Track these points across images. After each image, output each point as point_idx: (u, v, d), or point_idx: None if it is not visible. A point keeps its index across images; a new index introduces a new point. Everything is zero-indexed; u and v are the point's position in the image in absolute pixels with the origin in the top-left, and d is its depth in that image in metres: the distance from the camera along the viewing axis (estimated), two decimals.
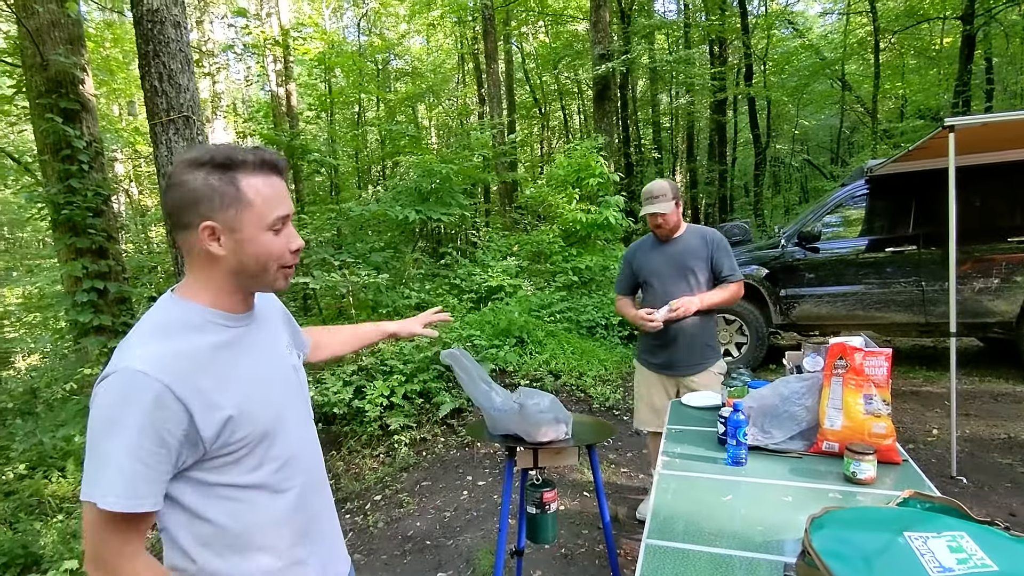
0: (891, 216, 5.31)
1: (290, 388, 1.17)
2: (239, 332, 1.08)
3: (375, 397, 4.41)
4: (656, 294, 2.94)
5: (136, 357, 0.94)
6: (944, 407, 4.51)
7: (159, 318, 1.02)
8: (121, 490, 0.90)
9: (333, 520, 1.29)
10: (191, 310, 1.04)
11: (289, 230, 1.07)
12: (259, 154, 1.04)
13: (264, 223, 1.03)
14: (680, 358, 2.92)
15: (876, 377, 1.85)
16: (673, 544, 1.48)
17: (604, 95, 9.95)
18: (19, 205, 12.66)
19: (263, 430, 1.04)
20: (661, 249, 2.97)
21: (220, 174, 1.00)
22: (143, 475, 0.92)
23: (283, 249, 1.06)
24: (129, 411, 0.91)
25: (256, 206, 1.02)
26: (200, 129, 3.85)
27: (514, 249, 8.35)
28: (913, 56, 14.55)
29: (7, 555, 3.42)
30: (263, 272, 1.05)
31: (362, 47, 15.45)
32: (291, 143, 8.09)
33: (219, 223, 1.01)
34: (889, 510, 1.37)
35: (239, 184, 1.01)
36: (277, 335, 1.21)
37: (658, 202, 2.83)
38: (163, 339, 0.98)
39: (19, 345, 8.76)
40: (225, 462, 1.01)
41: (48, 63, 4.40)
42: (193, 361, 0.98)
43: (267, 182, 1.04)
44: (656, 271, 2.97)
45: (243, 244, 1.02)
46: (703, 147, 18.88)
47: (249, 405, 1.03)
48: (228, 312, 1.07)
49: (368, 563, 3.08)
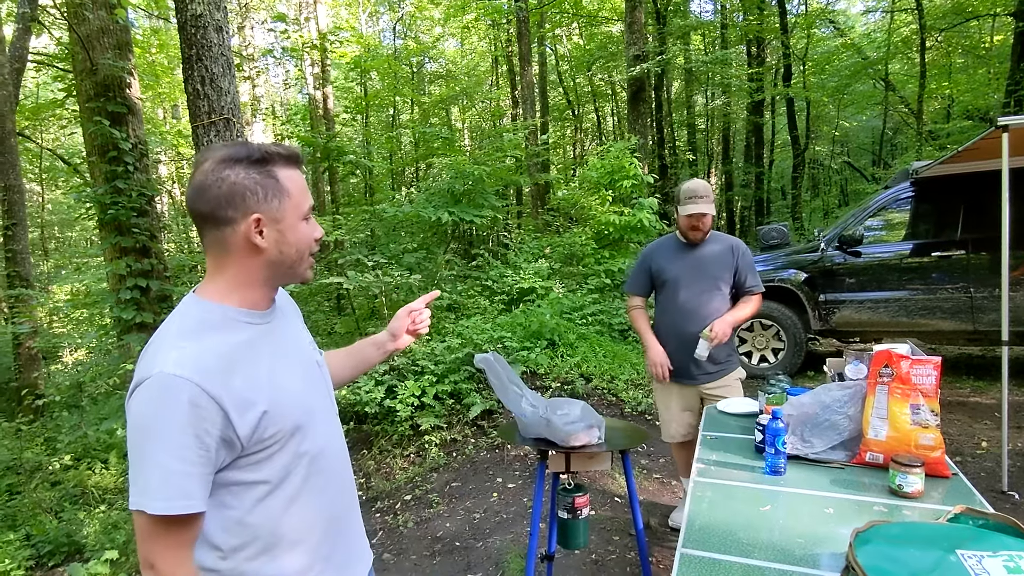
0: (938, 220, 5.13)
1: (316, 383, 1.18)
2: (264, 329, 1.09)
3: (406, 397, 4.43)
4: (675, 300, 2.84)
5: (168, 361, 0.94)
6: (994, 419, 4.32)
7: (185, 320, 1.03)
8: (169, 493, 0.91)
9: (357, 516, 1.29)
10: (215, 310, 1.04)
11: (314, 222, 1.12)
12: (285, 148, 1.08)
13: (300, 212, 1.07)
14: (698, 366, 2.81)
15: (924, 386, 1.78)
16: (709, 554, 1.44)
17: (638, 96, 9.86)
18: (68, 205, 13.15)
19: (294, 424, 1.05)
20: (685, 253, 2.86)
21: (259, 168, 1.03)
22: (188, 476, 0.92)
23: (311, 238, 1.10)
24: (167, 415, 0.92)
25: (294, 196, 1.07)
26: (240, 131, 3.93)
27: (546, 251, 8.32)
28: (961, 55, 14.05)
29: (52, 543, 3.54)
30: (299, 261, 1.09)
31: (397, 50, 15.64)
32: (327, 145, 8.21)
33: (264, 215, 1.03)
34: (939, 526, 1.31)
35: (278, 176, 1.05)
36: (299, 331, 1.22)
37: (702, 202, 2.71)
38: (192, 340, 0.98)
39: (67, 340, 9.08)
40: (259, 459, 1.01)
41: (97, 68, 4.55)
42: (223, 360, 0.98)
43: (297, 174, 1.09)
44: (679, 276, 2.85)
45: (285, 234, 1.06)
46: (739, 149, 18.57)
47: (280, 400, 1.03)
48: (252, 309, 1.08)
49: (397, 563, 3.09)
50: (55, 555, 3.52)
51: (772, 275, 5.52)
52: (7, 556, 3.34)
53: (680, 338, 2.82)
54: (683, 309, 2.81)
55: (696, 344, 2.69)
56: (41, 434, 5.24)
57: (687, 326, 2.78)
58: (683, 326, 2.80)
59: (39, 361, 7.33)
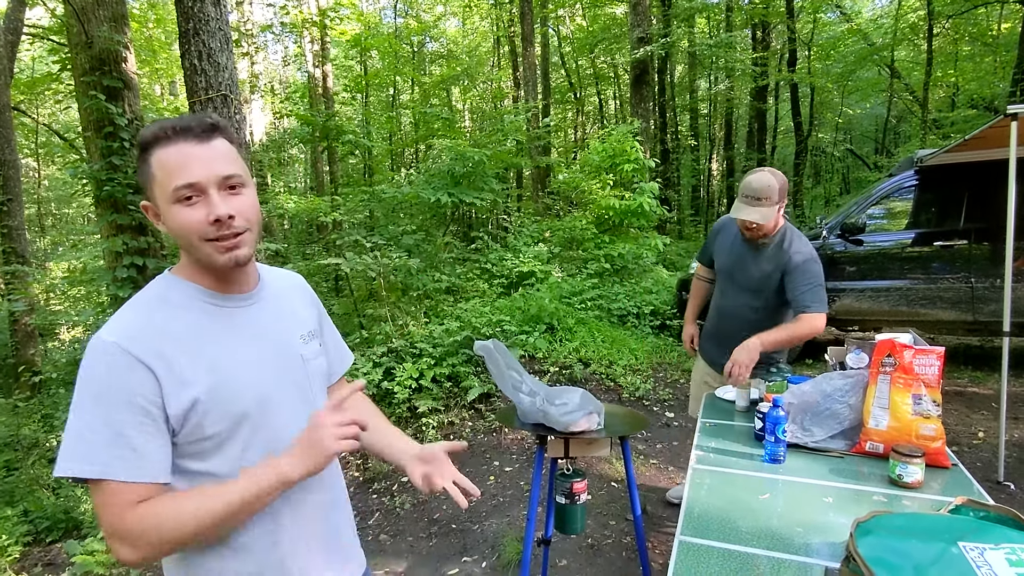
0: (941, 209, 5.10)
1: (288, 375, 1.09)
2: (229, 312, 1.04)
3: (404, 379, 4.43)
4: (720, 291, 2.69)
5: (107, 328, 0.93)
6: (991, 409, 4.33)
7: (145, 294, 1.01)
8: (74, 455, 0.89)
9: (338, 521, 1.19)
10: (177, 287, 1.02)
11: (210, 198, 0.95)
12: (171, 122, 0.97)
13: (167, 194, 0.95)
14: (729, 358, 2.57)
15: (926, 376, 1.77)
16: (707, 542, 1.43)
17: (642, 80, 9.75)
18: (64, 181, 13.05)
19: (241, 412, 0.98)
20: (741, 246, 2.54)
21: (143, 156, 0.98)
22: (115, 443, 0.89)
23: (199, 221, 0.95)
24: (91, 376, 0.90)
25: (158, 180, 0.96)
26: (238, 108, 3.88)
27: (546, 235, 8.29)
28: (968, 42, 13.90)
29: (50, 519, 3.55)
30: (190, 247, 0.98)
31: (398, 29, 15.44)
32: (326, 124, 8.13)
33: (150, 202, 1.00)
34: (941, 517, 1.30)
35: (151, 160, 0.96)
36: (290, 322, 1.14)
37: (759, 206, 2.31)
38: (139, 312, 0.97)
39: (64, 318, 9.04)
40: (204, 447, 0.97)
41: (92, 41, 4.47)
42: (164, 332, 0.95)
43: (176, 150, 0.95)
44: (726, 269, 2.62)
45: (164, 220, 0.98)
46: (741, 135, 18.45)
47: (224, 385, 0.97)
48: (214, 291, 1.03)
49: (394, 544, 3.11)
50: (53, 531, 3.53)
51: None
52: (4, 532, 3.35)
53: (717, 329, 2.71)
54: (722, 305, 2.67)
55: (731, 335, 2.48)
56: (38, 411, 5.24)
57: (722, 323, 2.68)
58: (719, 321, 2.70)
59: (36, 338, 7.32)
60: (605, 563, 2.76)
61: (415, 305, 5.86)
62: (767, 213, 2.29)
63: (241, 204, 0.98)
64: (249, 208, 1.00)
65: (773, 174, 2.31)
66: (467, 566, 2.85)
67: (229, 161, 0.98)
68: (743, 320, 2.52)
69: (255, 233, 1.03)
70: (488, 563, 2.86)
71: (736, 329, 2.49)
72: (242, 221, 0.98)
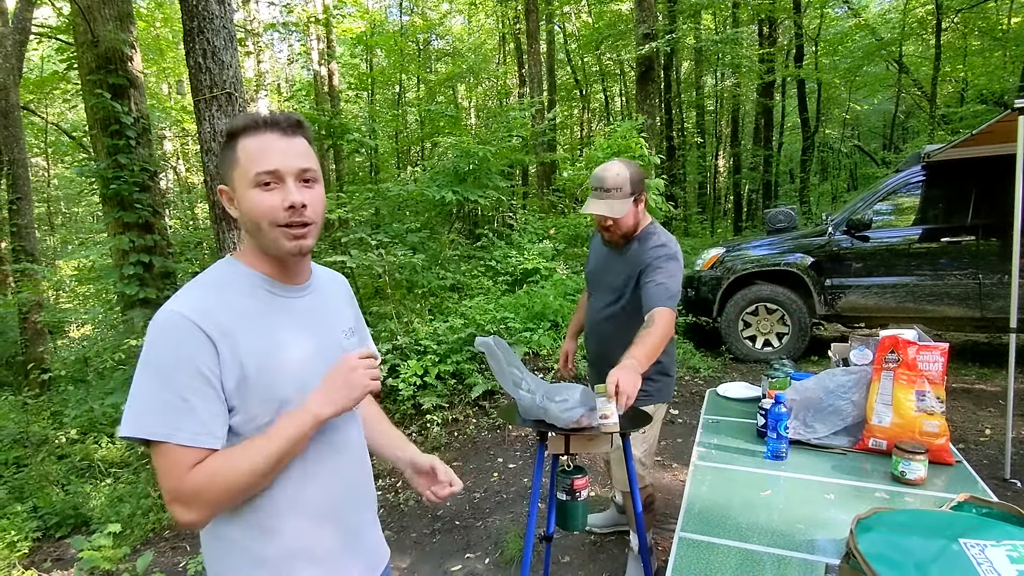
0: (948, 204, 5.06)
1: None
2: (285, 301, 1.10)
3: (408, 376, 4.44)
4: (588, 302, 2.44)
5: (174, 302, 0.98)
6: (998, 406, 4.31)
7: (208, 275, 1.07)
8: (146, 419, 0.93)
9: (368, 514, 1.24)
10: (239, 272, 1.07)
11: (287, 186, 1.02)
12: (264, 115, 1.04)
13: (247, 178, 1.02)
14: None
15: (930, 373, 1.76)
16: (707, 538, 1.43)
17: (647, 76, 9.71)
18: (71, 179, 13.14)
19: (283, 397, 1.03)
20: (604, 248, 2.31)
21: (229, 141, 1.05)
22: (179, 408, 0.93)
23: (273, 206, 1.01)
24: (163, 346, 0.95)
25: (241, 163, 1.03)
26: (243, 106, 3.89)
27: (551, 232, 8.27)
28: (977, 37, 13.76)
29: (59, 515, 3.58)
30: (258, 231, 1.03)
31: (403, 27, 15.43)
32: (330, 122, 8.14)
33: (227, 186, 1.06)
34: (942, 514, 1.30)
35: (236, 147, 1.04)
36: (335, 317, 1.20)
37: (608, 198, 2.07)
38: (204, 290, 1.03)
39: (72, 315, 9.12)
40: (252, 426, 1.01)
41: (98, 40, 4.49)
42: (226, 310, 1.00)
43: (261, 139, 1.03)
44: (590, 275, 2.41)
45: (240, 203, 1.05)
46: (748, 131, 18.35)
47: (271, 368, 1.02)
48: (274, 279, 1.09)
49: (398, 540, 3.12)
50: (62, 527, 3.57)
51: (778, 259, 5.48)
52: (14, 528, 3.38)
53: (590, 350, 2.46)
54: (589, 317, 2.38)
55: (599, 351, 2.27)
56: (47, 408, 5.28)
57: (589, 337, 2.42)
58: (589, 337, 2.43)
59: (45, 336, 7.38)
60: (608, 559, 2.77)
61: (420, 302, 5.86)
62: (617, 207, 2.06)
63: (313, 197, 1.06)
64: (319, 202, 1.07)
65: (625, 164, 2.10)
66: (470, 562, 2.86)
67: (307, 157, 1.06)
68: (602, 331, 2.30)
69: (319, 227, 1.09)
70: (491, 559, 2.86)
71: (597, 341, 2.32)
72: (312, 213, 1.05)
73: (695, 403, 4.58)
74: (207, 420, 0.95)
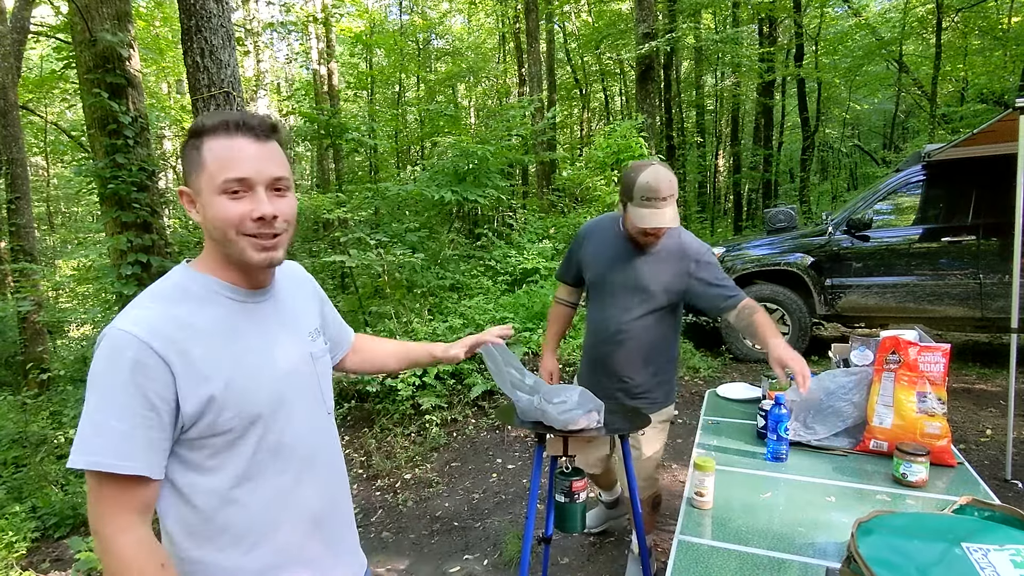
0: (949, 204, 5.04)
1: (301, 374, 1.10)
2: (247, 307, 1.04)
3: (407, 376, 4.43)
4: (600, 311, 2.23)
5: (127, 318, 0.92)
6: (999, 407, 4.29)
7: (163, 284, 1.01)
8: (97, 448, 0.88)
9: (346, 522, 1.21)
10: (197, 280, 1.02)
11: (256, 195, 0.96)
12: (234, 116, 0.98)
13: (214, 185, 0.95)
14: (618, 393, 2.20)
15: (931, 374, 1.75)
16: (707, 541, 1.42)
17: (647, 76, 9.69)
18: (69, 179, 13.13)
19: (255, 412, 0.99)
20: (625, 253, 2.15)
21: (193, 140, 0.98)
22: (125, 435, 0.88)
23: (241, 214, 0.96)
24: (111, 370, 0.89)
25: (207, 168, 0.96)
26: (240, 105, 3.88)
27: (550, 231, 8.25)
28: (978, 36, 13.74)
29: (58, 515, 3.57)
30: (225, 239, 0.97)
31: (403, 26, 15.42)
32: (329, 121, 8.13)
33: (190, 188, 1.00)
34: (944, 517, 1.28)
35: (202, 147, 0.97)
36: (299, 319, 1.15)
37: (668, 206, 1.95)
38: (160, 303, 0.97)
39: (71, 315, 9.11)
40: (218, 444, 0.97)
41: (96, 39, 4.47)
42: (184, 327, 0.95)
43: (231, 143, 0.96)
44: (609, 281, 2.18)
45: (204, 209, 0.99)
46: (748, 130, 18.33)
47: (240, 382, 0.98)
48: (235, 286, 1.03)
49: (396, 541, 3.10)
50: (60, 527, 3.55)
51: (778, 259, 5.47)
52: (12, 528, 3.37)
53: (593, 361, 2.29)
54: (604, 327, 2.20)
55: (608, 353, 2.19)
56: (46, 408, 5.26)
57: (601, 352, 2.23)
58: (599, 347, 2.24)
59: (44, 335, 7.36)
60: (606, 560, 2.75)
61: (419, 302, 5.85)
62: (675, 216, 1.96)
63: (284, 207, 1.00)
64: (290, 211, 1.02)
65: (663, 165, 2.02)
66: (468, 564, 2.84)
67: (280, 164, 1.00)
68: (637, 335, 2.16)
69: (290, 236, 1.04)
70: (490, 560, 2.85)
71: (624, 349, 2.17)
72: (283, 223, 1.00)
73: (695, 403, 4.57)
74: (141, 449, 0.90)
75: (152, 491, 0.93)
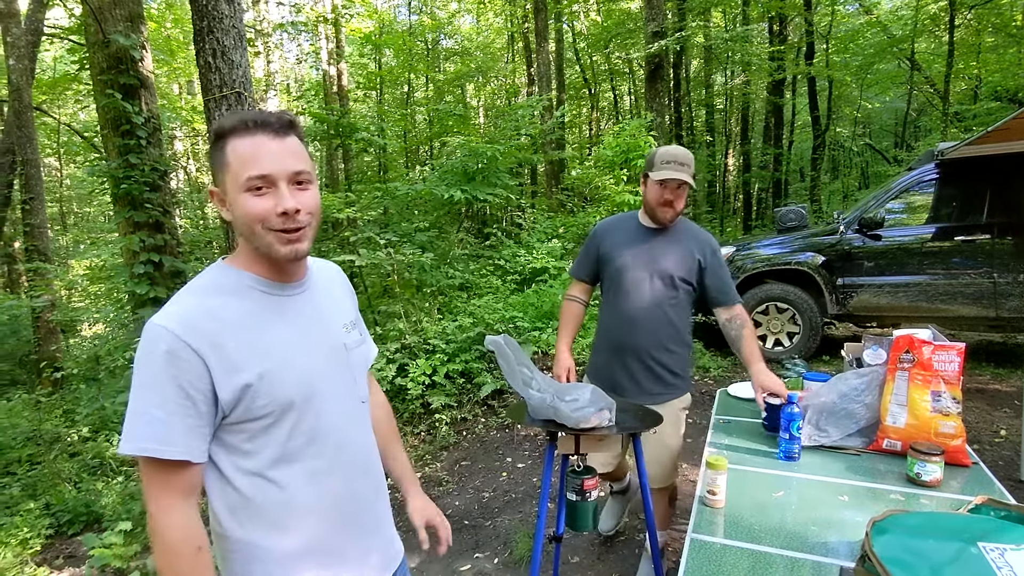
0: (962, 203, 4.99)
1: (335, 364, 1.13)
2: (281, 300, 1.08)
3: (417, 375, 4.44)
4: (618, 296, 2.28)
5: (162, 313, 0.98)
6: (1014, 407, 4.25)
7: (199, 280, 1.06)
8: (140, 435, 0.94)
9: (381, 510, 1.25)
10: (230, 275, 1.06)
11: (279, 191, 1.00)
12: (251, 115, 1.02)
13: (238, 182, 0.99)
14: (634, 385, 2.27)
15: (946, 373, 1.74)
16: (719, 540, 1.41)
17: (656, 75, 9.66)
18: (82, 179, 13.25)
19: (288, 399, 1.03)
20: (643, 238, 2.26)
21: (217, 143, 1.03)
22: (165, 423, 0.94)
23: (266, 210, 0.99)
24: (148, 362, 0.95)
25: (232, 167, 1.00)
26: (252, 105, 3.90)
27: (559, 231, 8.25)
28: (991, 33, 13.59)
29: (71, 512, 3.60)
30: (252, 235, 1.02)
31: (412, 26, 15.45)
32: (339, 121, 8.16)
33: (219, 189, 1.05)
34: (960, 517, 1.27)
35: (226, 148, 1.01)
36: (333, 312, 1.19)
37: (684, 170, 2.11)
38: (194, 297, 1.02)
39: (84, 314, 9.20)
40: (253, 429, 1.01)
41: (109, 40, 4.52)
42: (217, 319, 0.99)
43: (251, 142, 1.00)
44: (628, 266, 2.25)
45: (232, 207, 1.03)
46: (758, 129, 18.23)
47: (274, 372, 1.01)
48: (267, 279, 1.07)
49: (406, 540, 3.09)
50: (74, 524, 3.59)
51: (789, 258, 5.44)
52: (27, 525, 3.41)
53: (612, 348, 2.32)
54: (624, 311, 2.25)
55: (621, 344, 2.25)
56: (60, 406, 5.32)
57: (623, 334, 2.27)
58: (619, 333, 2.29)
59: (58, 334, 7.45)
60: (617, 560, 2.75)
61: (428, 301, 5.87)
62: (690, 178, 2.14)
63: (307, 200, 1.03)
64: (313, 204, 1.05)
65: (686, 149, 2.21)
66: (479, 562, 2.85)
67: (300, 158, 1.03)
68: (656, 317, 2.23)
69: (315, 228, 1.07)
70: (500, 559, 2.85)
71: (645, 332, 2.23)
72: (306, 216, 1.03)
73: (706, 403, 4.55)
74: (181, 435, 0.95)
75: (195, 474, 0.99)
